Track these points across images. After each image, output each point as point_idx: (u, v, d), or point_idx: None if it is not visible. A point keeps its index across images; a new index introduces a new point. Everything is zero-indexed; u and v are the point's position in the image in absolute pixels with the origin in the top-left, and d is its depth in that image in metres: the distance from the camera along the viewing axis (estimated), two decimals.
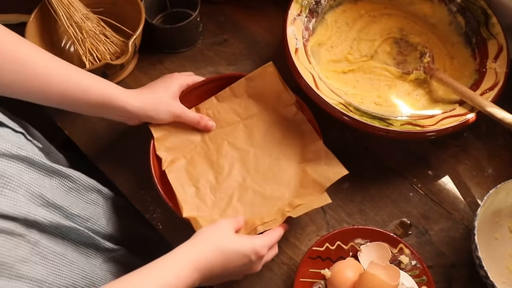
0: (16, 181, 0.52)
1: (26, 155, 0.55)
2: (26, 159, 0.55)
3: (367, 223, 0.69)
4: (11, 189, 0.51)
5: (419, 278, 0.62)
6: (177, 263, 0.51)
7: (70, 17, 0.76)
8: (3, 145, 0.52)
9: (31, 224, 0.54)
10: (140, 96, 0.65)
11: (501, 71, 0.71)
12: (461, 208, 0.70)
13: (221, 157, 0.71)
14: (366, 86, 0.76)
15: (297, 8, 0.76)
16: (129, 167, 0.74)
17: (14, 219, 0.51)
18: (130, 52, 0.75)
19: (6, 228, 0.50)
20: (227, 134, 0.73)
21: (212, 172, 0.70)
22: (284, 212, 0.63)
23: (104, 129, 0.77)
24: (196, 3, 0.81)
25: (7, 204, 0.50)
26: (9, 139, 0.56)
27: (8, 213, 0.49)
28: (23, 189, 0.53)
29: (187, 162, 0.71)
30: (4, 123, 0.57)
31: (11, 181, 0.52)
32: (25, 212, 0.52)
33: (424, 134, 0.66)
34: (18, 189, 0.52)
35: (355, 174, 0.71)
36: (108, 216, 0.71)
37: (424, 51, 0.78)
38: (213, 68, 0.84)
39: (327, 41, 0.80)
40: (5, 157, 0.52)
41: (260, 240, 0.57)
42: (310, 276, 0.62)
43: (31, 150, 0.60)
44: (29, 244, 0.53)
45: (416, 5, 0.83)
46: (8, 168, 0.52)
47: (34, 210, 0.54)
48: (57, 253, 0.57)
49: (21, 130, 0.61)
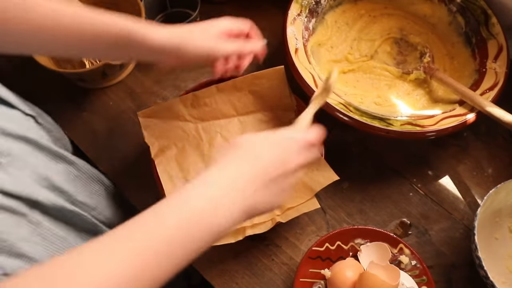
0: (22, 161, 0.52)
1: (33, 138, 0.55)
2: (33, 142, 0.55)
3: (367, 223, 0.69)
4: (16, 168, 0.51)
5: (419, 278, 0.62)
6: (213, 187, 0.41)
7: None
8: (11, 126, 0.52)
9: (34, 205, 0.53)
10: (166, 29, 0.55)
11: (501, 71, 0.71)
12: (461, 208, 0.70)
13: (213, 149, 0.71)
14: (366, 86, 0.76)
15: (297, 8, 0.76)
16: (129, 167, 0.74)
17: (17, 198, 0.50)
18: None
19: (8, 206, 0.49)
20: (221, 127, 0.73)
21: (203, 165, 0.70)
22: (274, 216, 0.63)
23: (104, 129, 0.77)
24: (196, 3, 0.81)
25: (11, 182, 0.50)
26: (18, 121, 0.55)
27: (12, 191, 0.49)
28: (28, 169, 0.53)
29: (178, 152, 0.70)
30: (14, 105, 0.57)
31: (17, 161, 0.52)
32: (28, 191, 0.51)
33: (424, 134, 0.66)
34: (24, 169, 0.52)
35: (355, 174, 0.71)
36: (113, 209, 0.70)
37: (424, 51, 0.78)
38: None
39: (327, 41, 0.80)
40: (12, 137, 0.52)
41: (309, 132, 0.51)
42: (310, 276, 0.62)
43: (39, 134, 0.60)
44: (31, 224, 0.53)
45: (416, 5, 0.83)
46: (14, 148, 0.52)
47: (38, 191, 0.53)
48: (58, 236, 0.57)
49: (31, 113, 0.60)
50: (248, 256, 0.67)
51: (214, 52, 0.57)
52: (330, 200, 0.71)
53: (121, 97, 0.80)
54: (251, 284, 0.65)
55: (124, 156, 0.75)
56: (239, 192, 0.41)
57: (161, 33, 0.54)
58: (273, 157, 0.45)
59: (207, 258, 0.66)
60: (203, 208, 0.39)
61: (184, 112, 0.71)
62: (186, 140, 0.71)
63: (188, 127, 0.72)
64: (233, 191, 0.41)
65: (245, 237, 0.62)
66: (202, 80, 0.79)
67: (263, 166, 0.44)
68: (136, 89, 0.81)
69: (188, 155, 0.70)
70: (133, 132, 0.74)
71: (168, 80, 0.82)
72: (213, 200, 0.40)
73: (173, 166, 0.69)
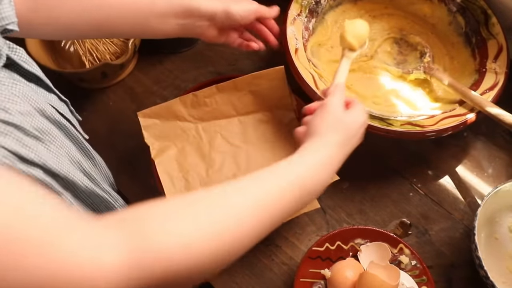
0: (60, 141, 0.53)
1: (65, 124, 0.56)
2: (64, 128, 0.56)
3: (367, 223, 0.69)
4: (56, 147, 0.52)
5: (419, 278, 0.62)
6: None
7: None
8: (50, 109, 0.53)
9: (68, 185, 0.53)
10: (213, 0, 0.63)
11: (501, 71, 0.71)
12: (461, 208, 0.70)
13: (213, 150, 0.71)
14: (366, 86, 0.76)
15: (297, 8, 0.76)
16: (129, 167, 0.74)
17: (55, 176, 0.50)
18: (129, 52, 0.75)
19: (48, 182, 0.49)
20: (221, 127, 0.73)
21: (203, 165, 0.70)
22: None
23: (104, 129, 0.77)
24: None
25: (52, 160, 0.50)
26: (55, 104, 0.56)
27: (52, 168, 0.49)
28: (65, 150, 0.54)
29: (178, 152, 0.70)
30: (52, 89, 0.58)
31: (56, 140, 0.52)
32: (66, 171, 0.51)
33: (424, 134, 0.66)
34: (61, 149, 0.53)
35: (355, 174, 0.71)
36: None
37: (424, 51, 0.78)
38: (213, 68, 0.84)
39: (327, 41, 0.80)
40: (49, 120, 0.53)
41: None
42: (310, 276, 0.62)
43: (72, 121, 0.60)
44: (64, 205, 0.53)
45: (416, 5, 0.83)
46: (53, 129, 0.52)
47: (74, 172, 0.53)
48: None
49: (65, 99, 0.61)
50: (248, 256, 0.67)
51: (259, 9, 0.65)
52: (330, 200, 0.71)
53: (121, 97, 0.80)
54: (251, 284, 0.65)
55: (124, 156, 0.75)
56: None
57: (210, 2, 0.61)
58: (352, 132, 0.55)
59: None
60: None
61: (184, 112, 0.71)
62: (186, 140, 0.71)
63: (188, 127, 0.72)
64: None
65: None
66: (202, 80, 0.79)
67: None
68: (136, 89, 0.81)
69: (188, 155, 0.70)
70: (133, 132, 0.74)
71: (168, 80, 0.82)
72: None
73: (173, 166, 0.69)
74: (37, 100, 0.50)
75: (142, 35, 0.70)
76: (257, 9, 0.65)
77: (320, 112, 0.55)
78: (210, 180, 0.68)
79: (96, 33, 0.64)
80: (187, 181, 0.68)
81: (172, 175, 0.68)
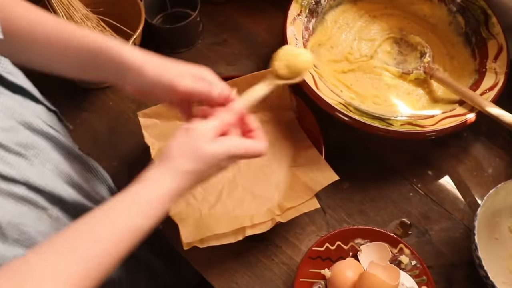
0: (45, 155, 0.52)
1: (54, 135, 0.55)
2: (54, 138, 0.55)
3: (367, 223, 0.69)
4: (41, 162, 0.51)
5: (419, 278, 0.62)
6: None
7: (70, 17, 0.76)
8: (36, 121, 0.52)
9: (55, 200, 0.53)
10: (146, 53, 0.53)
11: (501, 71, 0.71)
12: (461, 208, 0.70)
13: None
14: (366, 86, 0.76)
15: (297, 8, 0.76)
16: (129, 167, 0.74)
17: (40, 191, 0.50)
18: None
19: (32, 198, 0.49)
20: None
21: None
22: (274, 216, 0.63)
23: (104, 129, 0.77)
24: (196, 3, 0.81)
25: (36, 175, 0.49)
26: (42, 116, 0.55)
27: (37, 184, 0.49)
28: (51, 164, 0.53)
29: None
30: (39, 100, 0.57)
31: (41, 154, 0.51)
32: (52, 186, 0.51)
33: (424, 134, 0.66)
34: (47, 163, 0.52)
35: (355, 174, 0.71)
36: None
37: (424, 51, 0.78)
38: (213, 68, 0.82)
39: (327, 41, 0.80)
40: (36, 132, 0.52)
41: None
42: (310, 276, 0.62)
43: (60, 131, 0.60)
44: (50, 219, 0.52)
45: (416, 5, 0.83)
46: (39, 142, 0.52)
47: (60, 186, 0.53)
48: None
49: (54, 109, 0.60)
50: (248, 256, 0.67)
51: (174, 84, 0.51)
52: (330, 200, 0.71)
53: (121, 97, 0.80)
54: (251, 284, 0.65)
55: (124, 156, 0.75)
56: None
57: (134, 51, 0.52)
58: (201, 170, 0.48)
59: (207, 258, 0.66)
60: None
61: None
62: None
63: None
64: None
65: (245, 237, 0.62)
66: None
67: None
68: None
69: None
70: (133, 132, 0.74)
71: None
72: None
73: None
74: (23, 113, 0.50)
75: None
76: (170, 82, 0.51)
77: (181, 135, 0.48)
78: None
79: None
80: None
81: None
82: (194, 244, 0.61)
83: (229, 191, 0.68)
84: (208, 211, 0.66)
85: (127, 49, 0.52)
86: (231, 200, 0.67)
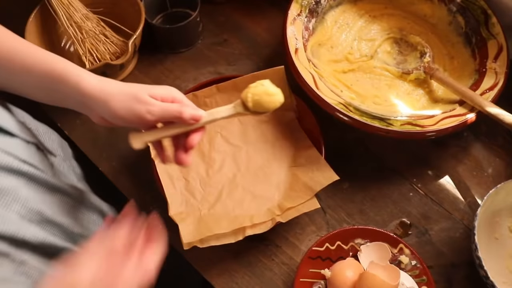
0: (11, 196, 0.50)
1: (27, 171, 0.53)
2: (27, 174, 0.53)
3: (367, 223, 0.69)
4: (3, 204, 0.49)
5: (419, 278, 0.62)
6: None
7: (70, 17, 0.76)
8: (6, 159, 0.51)
9: (19, 243, 0.51)
10: (104, 79, 0.51)
11: (501, 71, 0.71)
12: (461, 208, 0.70)
13: (213, 149, 0.71)
14: (366, 86, 0.76)
15: (297, 8, 0.76)
16: (129, 167, 0.74)
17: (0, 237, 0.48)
18: (130, 52, 0.75)
19: None
20: (221, 127, 0.73)
21: (203, 165, 0.70)
22: (274, 216, 0.63)
23: (104, 129, 0.77)
24: (196, 3, 0.81)
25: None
26: (14, 151, 0.53)
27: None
28: (18, 204, 0.51)
29: None
30: (14, 134, 0.55)
31: (5, 196, 0.50)
32: (14, 230, 0.49)
33: (424, 134, 0.66)
34: (12, 204, 0.50)
35: (355, 174, 0.71)
36: None
37: (424, 51, 0.78)
38: (213, 68, 0.84)
39: (327, 41, 0.80)
40: (4, 171, 0.51)
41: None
42: (310, 276, 0.62)
43: (38, 163, 0.58)
44: (13, 264, 0.50)
45: (416, 5, 0.83)
46: (5, 183, 0.50)
47: (25, 228, 0.51)
48: (45, 273, 0.52)
49: (33, 141, 0.58)
50: (248, 256, 0.67)
51: (143, 116, 0.49)
52: (330, 200, 0.71)
53: None
54: (251, 284, 0.65)
55: (124, 156, 0.75)
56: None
57: (94, 80, 0.50)
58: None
59: (207, 258, 0.67)
60: None
61: None
62: None
63: None
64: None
65: (245, 237, 0.62)
66: (202, 80, 0.79)
67: None
68: None
69: None
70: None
71: (168, 80, 0.82)
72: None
73: (173, 166, 0.68)
74: None
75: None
76: (137, 112, 0.49)
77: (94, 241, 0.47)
78: (210, 180, 0.69)
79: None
80: (187, 181, 0.69)
81: (172, 175, 0.68)
82: (194, 244, 0.61)
83: (229, 191, 0.68)
84: (208, 211, 0.66)
85: (86, 81, 0.50)
86: (231, 200, 0.67)
